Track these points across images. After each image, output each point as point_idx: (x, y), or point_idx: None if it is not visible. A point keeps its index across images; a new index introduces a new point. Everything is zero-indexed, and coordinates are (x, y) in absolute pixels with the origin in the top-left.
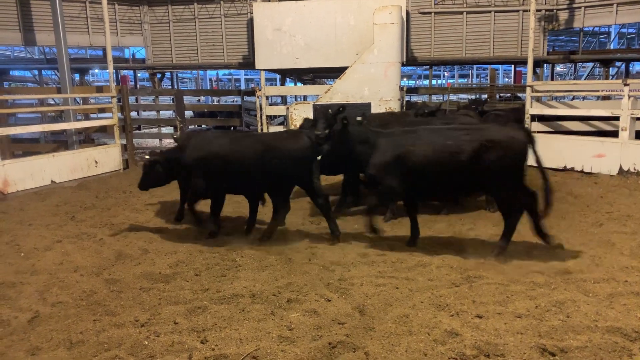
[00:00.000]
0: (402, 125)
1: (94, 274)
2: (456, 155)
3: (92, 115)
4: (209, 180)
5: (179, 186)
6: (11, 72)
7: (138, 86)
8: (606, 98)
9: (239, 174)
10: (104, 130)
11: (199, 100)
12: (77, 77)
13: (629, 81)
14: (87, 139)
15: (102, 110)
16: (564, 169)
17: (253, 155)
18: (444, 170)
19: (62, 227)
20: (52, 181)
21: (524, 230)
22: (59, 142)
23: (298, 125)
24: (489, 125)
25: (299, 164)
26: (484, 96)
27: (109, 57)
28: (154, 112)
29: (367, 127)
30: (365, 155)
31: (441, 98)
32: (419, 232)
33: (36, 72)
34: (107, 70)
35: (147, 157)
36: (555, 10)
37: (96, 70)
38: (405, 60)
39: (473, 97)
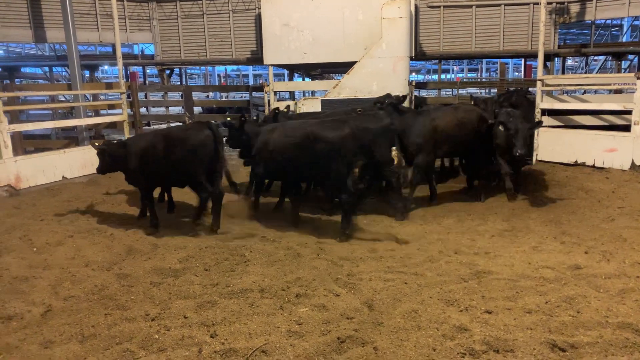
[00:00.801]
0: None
1: (105, 269)
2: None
3: (102, 112)
4: (139, 176)
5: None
6: (22, 69)
7: (147, 82)
8: (618, 92)
9: (156, 169)
10: (114, 126)
11: (207, 96)
12: (87, 73)
13: None
14: (98, 135)
15: (111, 107)
16: (575, 164)
17: (161, 150)
18: (287, 159)
19: (73, 222)
20: (63, 177)
21: (533, 225)
22: (70, 138)
23: None
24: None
25: (200, 155)
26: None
27: (118, 54)
28: (163, 108)
29: (259, 123)
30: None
31: (450, 92)
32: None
33: (47, 69)
34: (117, 67)
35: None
36: (566, 3)
37: (106, 67)
38: (414, 54)
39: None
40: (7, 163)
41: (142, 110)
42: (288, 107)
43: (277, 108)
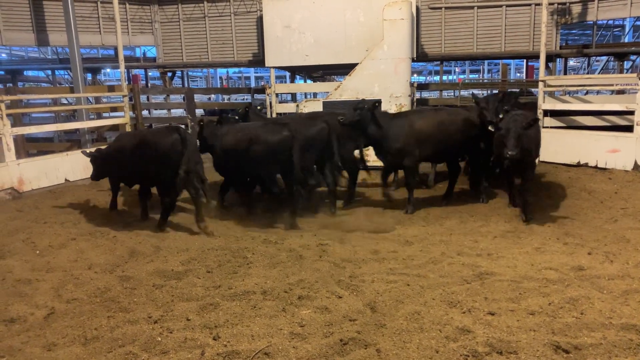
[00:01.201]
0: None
1: (107, 271)
2: None
3: (104, 114)
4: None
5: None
6: (25, 72)
7: (149, 85)
8: (620, 92)
9: (125, 169)
10: (116, 129)
11: (209, 99)
12: (89, 76)
13: None
14: (100, 137)
15: (114, 109)
16: (578, 165)
17: (131, 151)
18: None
19: (76, 225)
20: (65, 180)
21: (535, 226)
22: (73, 141)
23: None
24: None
25: (168, 158)
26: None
27: (121, 57)
28: (165, 111)
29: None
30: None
31: (452, 94)
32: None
33: (49, 72)
34: (119, 70)
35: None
36: (568, 4)
37: (108, 70)
38: (415, 56)
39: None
40: (10, 166)
41: (144, 112)
42: (261, 105)
43: (249, 105)
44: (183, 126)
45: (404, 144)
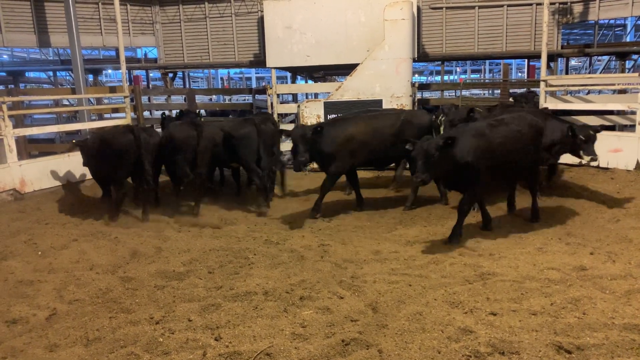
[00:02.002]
0: None
1: (109, 272)
2: None
3: (105, 115)
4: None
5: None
6: (27, 74)
7: (150, 86)
8: (622, 92)
9: (93, 167)
10: None
11: (210, 99)
12: (90, 77)
13: None
14: None
15: (115, 110)
16: (580, 164)
17: (95, 151)
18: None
19: (77, 225)
20: (67, 181)
21: (537, 226)
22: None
23: (309, 123)
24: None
25: (122, 157)
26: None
27: (122, 58)
28: (166, 112)
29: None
30: None
31: (453, 94)
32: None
33: (51, 73)
34: (120, 71)
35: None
36: (569, 3)
37: (109, 71)
38: (416, 56)
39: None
40: (11, 167)
41: (146, 113)
42: (198, 111)
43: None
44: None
45: (333, 150)
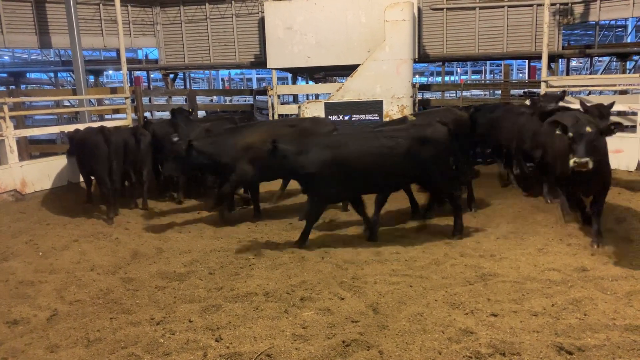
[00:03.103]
0: None
1: (110, 273)
2: None
3: (106, 116)
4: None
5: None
6: (28, 75)
7: (151, 87)
8: (623, 92)
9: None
10: None
11: (211, 100)
12: (91, 78)
13: None
14: None
15: (116, 111)
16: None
17: (75, 149)
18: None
19: (78, 226)
20: (68, 181)
21: (538, 227)
22: None
23: None
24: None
25: (95, 155)
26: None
27: (123, 59)
28: (167, 113)
29: None
30: None
31: (454, 95)
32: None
33: (52, 74)
34: (121, 72)
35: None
36: (570, 4)
37: (110, 72)
38: (417, 57)
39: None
40: (12, 168)
41: (147, 114)
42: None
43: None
44: None
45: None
